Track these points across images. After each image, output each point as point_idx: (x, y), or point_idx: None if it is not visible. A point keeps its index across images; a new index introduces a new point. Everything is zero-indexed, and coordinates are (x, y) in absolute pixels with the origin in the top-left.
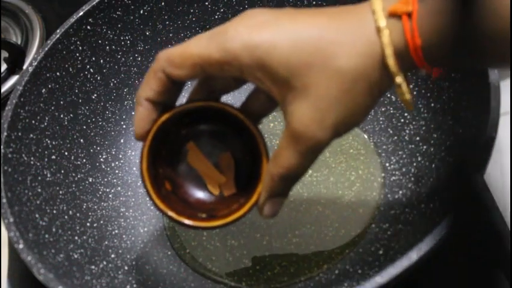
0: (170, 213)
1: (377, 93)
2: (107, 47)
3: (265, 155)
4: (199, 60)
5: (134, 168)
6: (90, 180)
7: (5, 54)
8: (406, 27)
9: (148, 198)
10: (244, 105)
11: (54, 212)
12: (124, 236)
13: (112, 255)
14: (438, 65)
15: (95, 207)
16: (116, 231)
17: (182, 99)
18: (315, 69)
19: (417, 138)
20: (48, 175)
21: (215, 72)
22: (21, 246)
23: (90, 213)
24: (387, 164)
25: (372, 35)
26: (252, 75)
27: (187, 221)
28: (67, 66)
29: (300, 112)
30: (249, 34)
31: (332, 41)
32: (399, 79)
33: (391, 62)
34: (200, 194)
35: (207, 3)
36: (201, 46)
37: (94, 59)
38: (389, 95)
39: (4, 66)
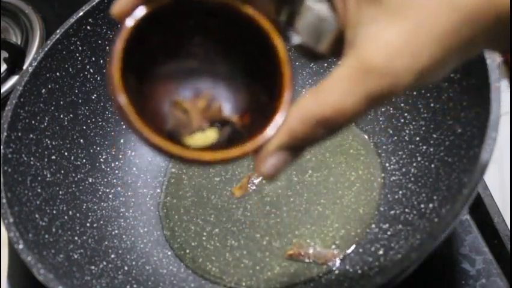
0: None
1: (463, 54)
2: (107, 47)
3: (290, 83)
4: None
5: (134, 169)
6: (90, 181)
7: (5, 54)
8: None
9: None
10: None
11: (54, 212)
12: (123, 236)
13: (112, 256)
14: None
15: (95, 207)
16: (116, 231)
17: None
18: None
19: (417, 138)
20: (48, 175)
21: None
22: (21, 246)
23: (90, 214)
24: (387, 164)
25: None
26: None
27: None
28: (66, 66)
29: (386, 37)
30: None
31: None
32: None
33: None
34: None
35: None
36: None
37: (94, 59)
38: None
39: (4, 67)
